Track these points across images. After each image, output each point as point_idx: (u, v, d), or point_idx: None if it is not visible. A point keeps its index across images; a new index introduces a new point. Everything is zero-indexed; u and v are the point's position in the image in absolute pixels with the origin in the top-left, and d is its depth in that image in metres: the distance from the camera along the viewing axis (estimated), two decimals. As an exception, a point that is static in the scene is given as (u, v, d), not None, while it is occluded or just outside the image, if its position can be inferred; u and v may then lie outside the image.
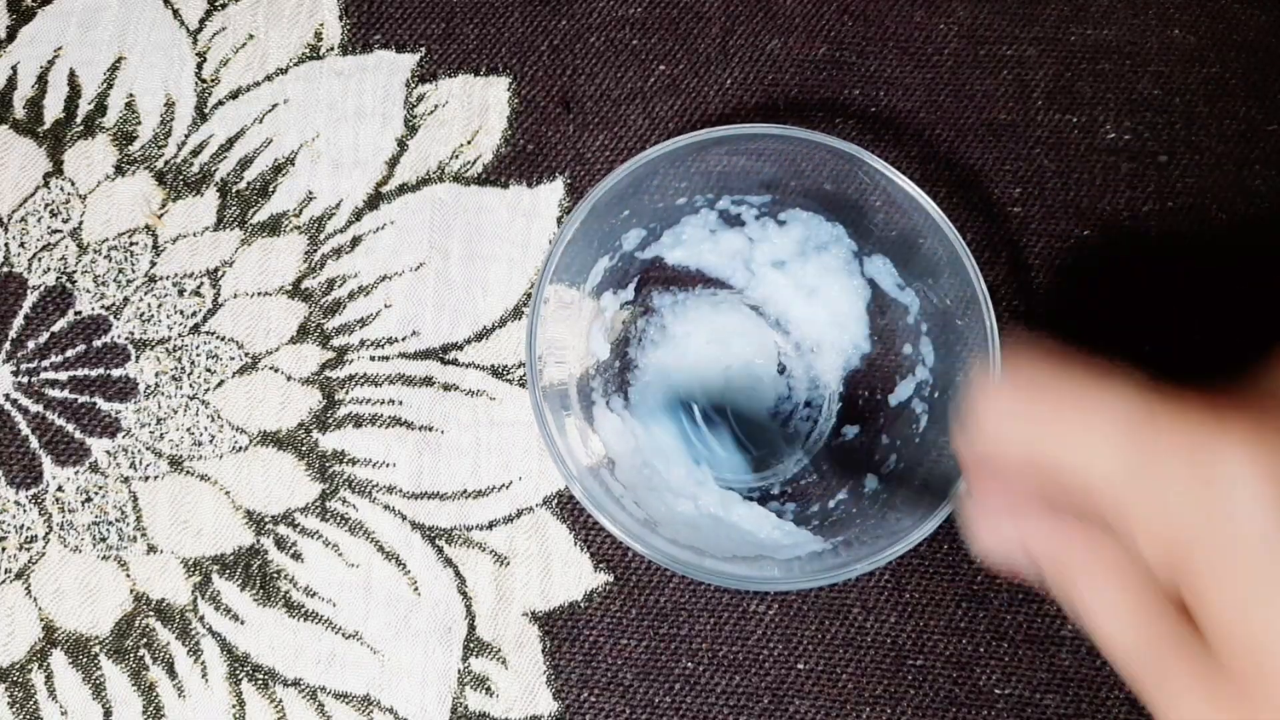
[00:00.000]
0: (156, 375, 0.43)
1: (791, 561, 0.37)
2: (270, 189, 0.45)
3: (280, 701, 0.40)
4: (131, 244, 0.44)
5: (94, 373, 0.43)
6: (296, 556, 0.42)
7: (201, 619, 0.41)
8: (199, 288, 0.44)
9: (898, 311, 0.41)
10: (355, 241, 0.44)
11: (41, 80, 0.46)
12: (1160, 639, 0.23)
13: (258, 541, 0.42)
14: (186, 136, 0.45)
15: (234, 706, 0.40)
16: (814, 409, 0.42)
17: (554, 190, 0.44)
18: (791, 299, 0.42)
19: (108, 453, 0.43)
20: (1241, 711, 0.22)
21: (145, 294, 0.44)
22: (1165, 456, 0.22)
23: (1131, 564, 0.24)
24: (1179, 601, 0.23)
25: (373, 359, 0.43)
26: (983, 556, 0.28)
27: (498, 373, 0.43)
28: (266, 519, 0.42)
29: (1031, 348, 0.26)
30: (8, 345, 0.44)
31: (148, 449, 0.43)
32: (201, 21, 0.47)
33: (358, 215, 0.44)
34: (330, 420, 0.43)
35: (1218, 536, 0.21)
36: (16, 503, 0.42)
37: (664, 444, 0.40)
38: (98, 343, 0.44)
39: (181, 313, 0.44)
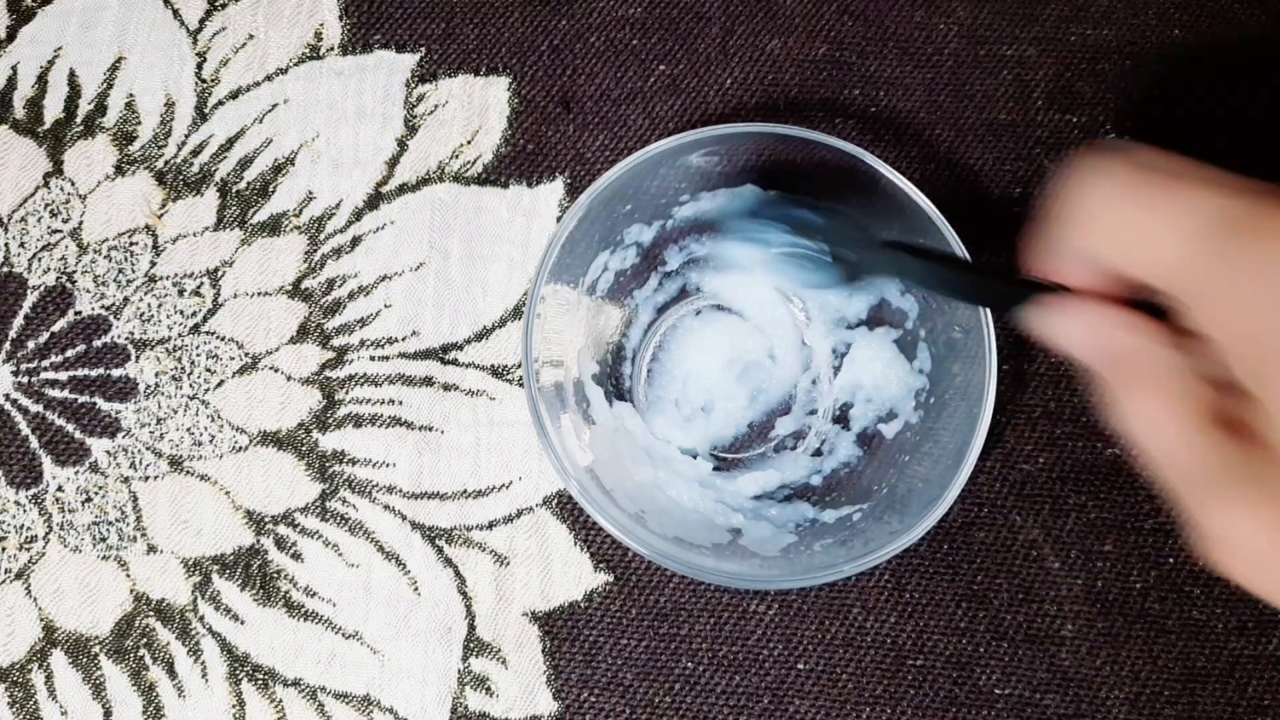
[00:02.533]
0: (156, 375, 0.43)
1: (792, 561, 0.37)
2: (270, 189, 0.45)
3: (280, 701, 0.40)
4: (131, 244, 0.44)
5: (94, 373, 0.43)
6: (296, 556, 0.42)
7: (201, 619, 0.41)
8: (199, 288, 0.44)
9: (897, 317, 0.40)
10: (355, 241, 0.44)
11: (41, 80, 0.46)
12: (1209, 453, 0.23)
13: (258, 541, 0.42)
14: (186, 136, 0.45)
15: (234, 706, 0.40)
16: (818, 417, 0.42)
17: (554, 190, 0.44)
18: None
19: (108, 453, 0.43)
20: None
21: (145, 294, 0.44)
22: (1247, 260, 0.21)
23: (1186, 377, 0.23)
24: (1232, 417, 0.22)
25: (373, 359, 0.43)
26: (1046, 335, 0.27)
27: (498, 373, 0.43)
28: (266, 519, 0.42)
29: (1123, 150, 0.25)
30: (8, 345, 0.44)
31: (148, 449, 0.43)
32: (201, 21, 0.47)
33: (358, 215, 0.44)
34: (330, 420, 0.43)
35: None
36: (16, 503, 0.42)
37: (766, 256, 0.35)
38: (98, 343, 0.44)
39: (181, 313, 0.44)
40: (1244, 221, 0.21)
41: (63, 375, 0.43)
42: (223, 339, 0.43)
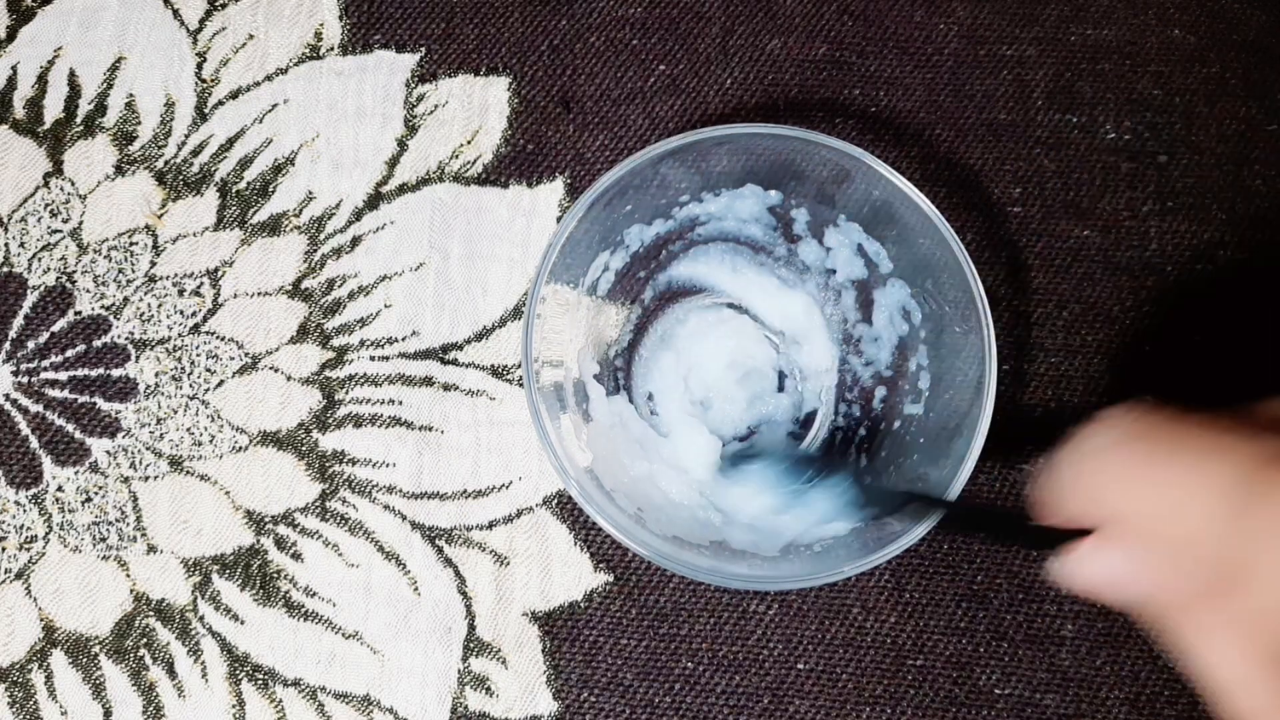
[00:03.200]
0: (156, 375, 0.43)
1: (792, 561, 0.37)
2: (270, 189, 0.45)
3: (280, 701, 0.40)
4: (131, 244, 0.44)
5: (94, 373, 0.43)
6: (296, 556, 0.42)
7: (201, 619, 0.41)
8: (199, 288, 0.44)
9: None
10: (355, 241, 0.44)
11: (41, 80, 0.46)
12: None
13: (258, 541, 0.42)
14: (186, 136, 0.45)
15: (234, 706, 0.40)
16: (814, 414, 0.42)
17: (554, 190, 0.44)
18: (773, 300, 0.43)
19: (108, 453, 0.43)
20: None
21: (145, 294, 0.44)
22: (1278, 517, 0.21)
23: (1248, 615, 0.23)
24: None
25: (373, 359, 0.43)
26: (1080, 579, 0.26)
27: (498, 373, 0.43)
28: (266, 519, 0.42)
29: (1122, 407, 0.25)
30: (8, 345, 0.44)
31: (148, 449, 0.43)
32: (201, 21, 0.47)
33: (358, 215, 0.44)
34: (330, 420, 0.43)
35: None
36: (16, 503, 0.42)
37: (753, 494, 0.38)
38: (98, 343, 0.44)
39: (181, 313, 0.44)
40: (1265, 476, 0.22)
41: (63, 375, 0.43)
42: (223, 339, 0.43)
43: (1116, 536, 0.25)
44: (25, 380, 0.43)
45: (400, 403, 0.43)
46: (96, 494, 0.42)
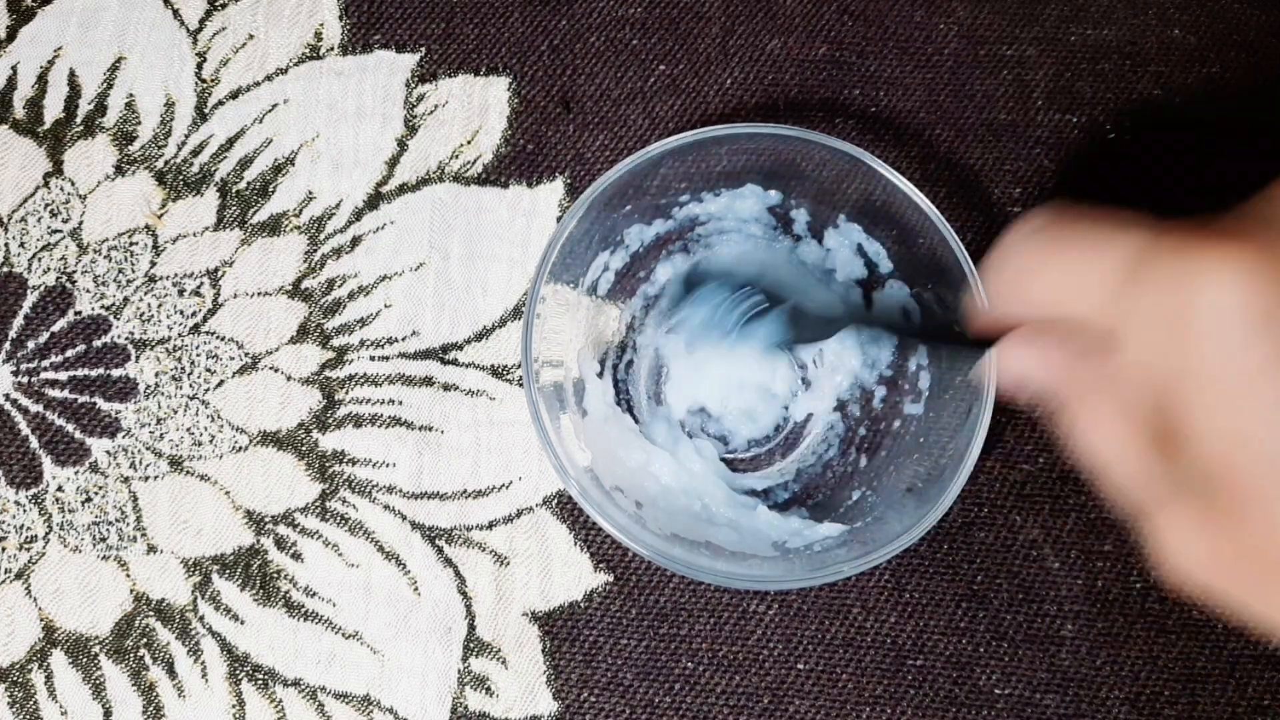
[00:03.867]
0: (156, 375, 0.43)
1: (792, 561, 0.37)
2: (270, 189, 0.45)
3: (280, 701, 0.40)
4: (131, 244, 0.44)
5: (94, 373, 0.43)
6: (296, 556, 0.42)
7: (201, 619, 0.41)
8: (199, 288, 0.44)
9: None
10: (355, 241, 0.44)
11: (41, 80, 0.46)
12: (1152, 460, 0.23)
13: (258, 541, 0.42)
14: (186, 136, 0.45)
15: (234, 706, 0.40)
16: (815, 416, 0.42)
17: (554, 190, 0.44)
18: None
19: (108, 453, 0.43)
20: (1230, 535, 0.22)
21: (145, 294, 0.44)
22: (1152, 286, 0.22)
23: (1128, 393, 0.24)
24: (1164, 429, 0.23)
25: (373, 359, 0.43)
26: (1008, 370, 0.28)
27: (497, 373, 0.43)
28: (266, 519, 0.42)
29: (1050, 210, 0.26)
30: (8, 345, 0.44)
31: (148, 449, 0.43)
32: (201, 21, 0.47)
33: (358, 215, 0.44)
34: (330, 420, 0.43)
35: (1201, 364, 0.21)
36: (16, 503, 0.42)
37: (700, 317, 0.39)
38: (98, 343, 0.44)
39: (181, 313, 0.44)
40: (1150, 253, 0.23)
41: (63, 375, 0.43)
42: (223, 339, 0.43)
43: (1023, 329, 0.27)
44: (25, 380, 0.43)
45: (400, 403, 0.43)
46: (96, 494, 0.42)
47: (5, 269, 0.44)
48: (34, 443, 0.43)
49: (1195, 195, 0.43)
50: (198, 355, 0.43)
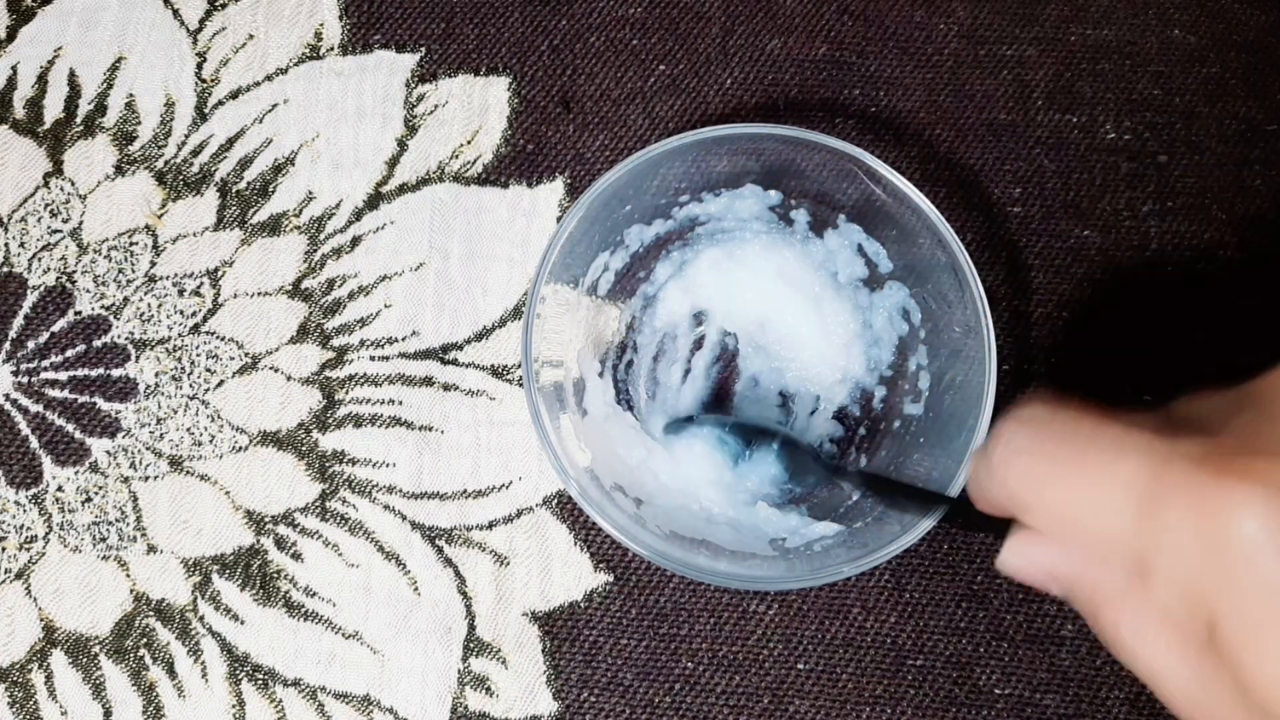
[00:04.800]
0: (156, 375, 0.43)
1: (792, 561, 0.37)
2: (270, 189, 0.45)
3: (280, 701, 0.40)
4: (131, 244, 0.44)
5: (94, 373, 0.43)
6: (296, 556, 0.42)
7: (201, 619, 0.41)
8: (199, 288, 0.44)
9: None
10: (355, 241, 0.44)
11: (41, 80, 0.46)
12: (1206, 672, 0.23)
13: (258, 541, 0.42)
14: (186, 136, 0.45)
15: (234, 706, 0.40)
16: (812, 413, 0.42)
17: (554, 190, 0.44)
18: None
19: (108, 453, 0.43)
20: None
21: (145, 294, 0.44)
22: (1180, 516, 0.23)
23: (1169, 608, 0.24)
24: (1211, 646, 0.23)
25: (373, 359, 0.43)
26: (1013, 576, 0.28)
27: (498, 373, 0.43)
28: (266, 519, 0.42)
29: (1040, 400, 0.27)
30: (8, 345, 0.44)
31: (148, 449, 0.43)
32: (201, 21, 0.47)
33: (358, 215, 0.44)
34: (330, 420, 0.43)
35: (1243, 594, 0.22)
36: (16, 503, 0.42)
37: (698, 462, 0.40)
38: (98, 343, 0.44)
39: (181, 313, 0.44)
40: (1165, 479, 0.23)
41: (63, 375, 0.43)
42: (223, 339, 0.43)
43: (1036, 532, 0.27)
44: (25, 380, 0.43)
45: (400, 403, 0.43)
46: (96, 494, 0.42)
47: (5, 269, 0.44)
48: (34, 443, 0.43)
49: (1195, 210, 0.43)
50: (198, 355, 0.43)
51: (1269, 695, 0.22)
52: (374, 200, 0.44)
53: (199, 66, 0.46)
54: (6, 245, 0.45)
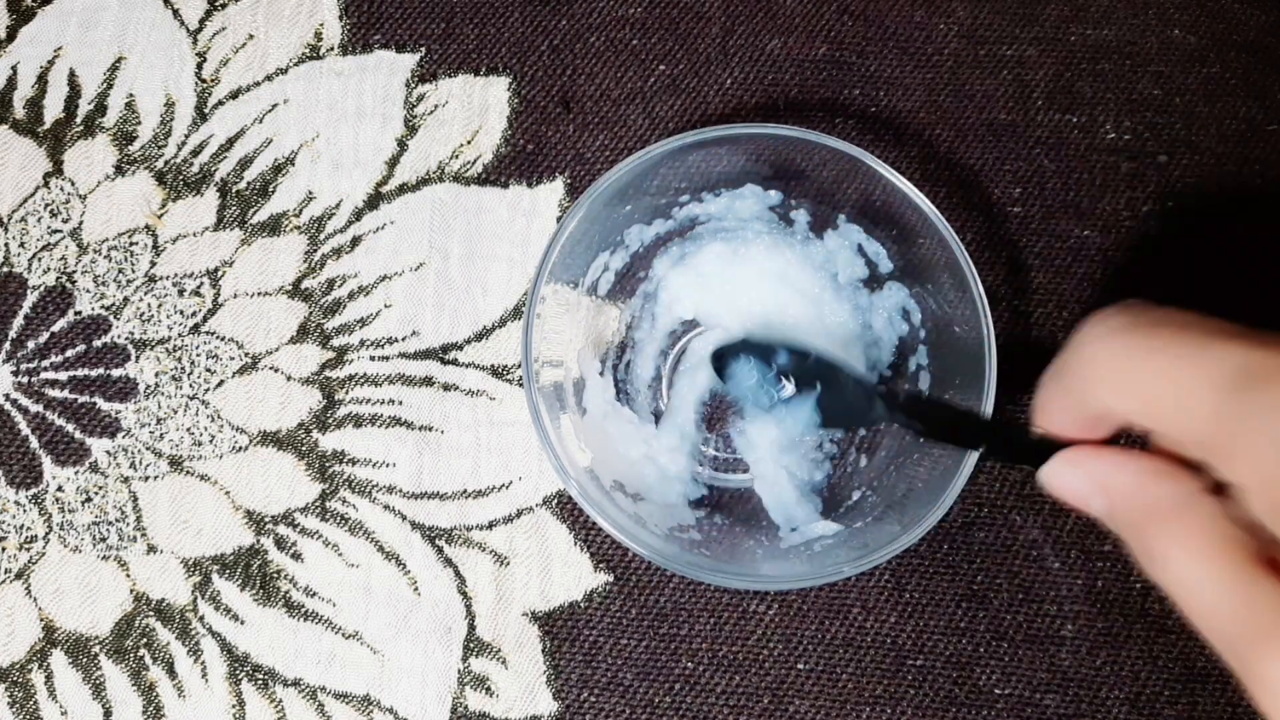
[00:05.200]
0: (156, 375, 0.43)
1: (791, 561, 0.37)
2: (270, 189, 0.45)
3: (280, 701, 0.40)
4: (131, 244, 0.44)
5: (94, 373, 0.43)
6: (296, 556, 0.42)
7: (201, 619, 0.41)
8: (199, 288, 0.44)
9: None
10: (355, 241, 0.44)
11: (41, 80, 0.46)
12: (1257, 597, 0.22)
13: (258, 541, 0.42)
14: (186, 136, 0.45)
15: (234, 706, 0.40)
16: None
17: (554, 190, 0.44)
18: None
19: (108, 453, 0.43)
20: None
21: (145, 294, 0.44)
22: (1275, 397, 0.21)
23: (1224, 520, 0.23)
24: (1270, 557, 0.22)
25: (373, 359, 0.43)
26: (1055, 491, 0.27)
27: (498, 373, 0.43)
28: (266, 519, 0.42)
29: (1137, 305, 0.25)
30: (8, 345, 0.44)
31: (148, 449, 0.43)
32: (201, 21, 0.47)
33: (358, 215, 0.44)
34: (330, 420, 0.43)
35: None
36: (16, 503, 0.42)
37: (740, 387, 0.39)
38: (98, 343, 0.44)
39: (181, 313, 0.44)
40: (1261, 371, 0.21)
41: (63, 375, 0.43)
42: (223, 339, 0.43)
43: (1078, 450, 0.25)
44: (25, 380, 0.43)
45: (400, 403, 0.43)
46: (96, 494, 0.42)
47: (5, 269, 0.44)
48: (34, 443, 0.43)
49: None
50: (198, 355, 0.43)
51: None
52: (374, 200, 0.44)
53: (199, 66, 0.46)
54: (6, 245, 0.45)
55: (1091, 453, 0.26)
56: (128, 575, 0.42)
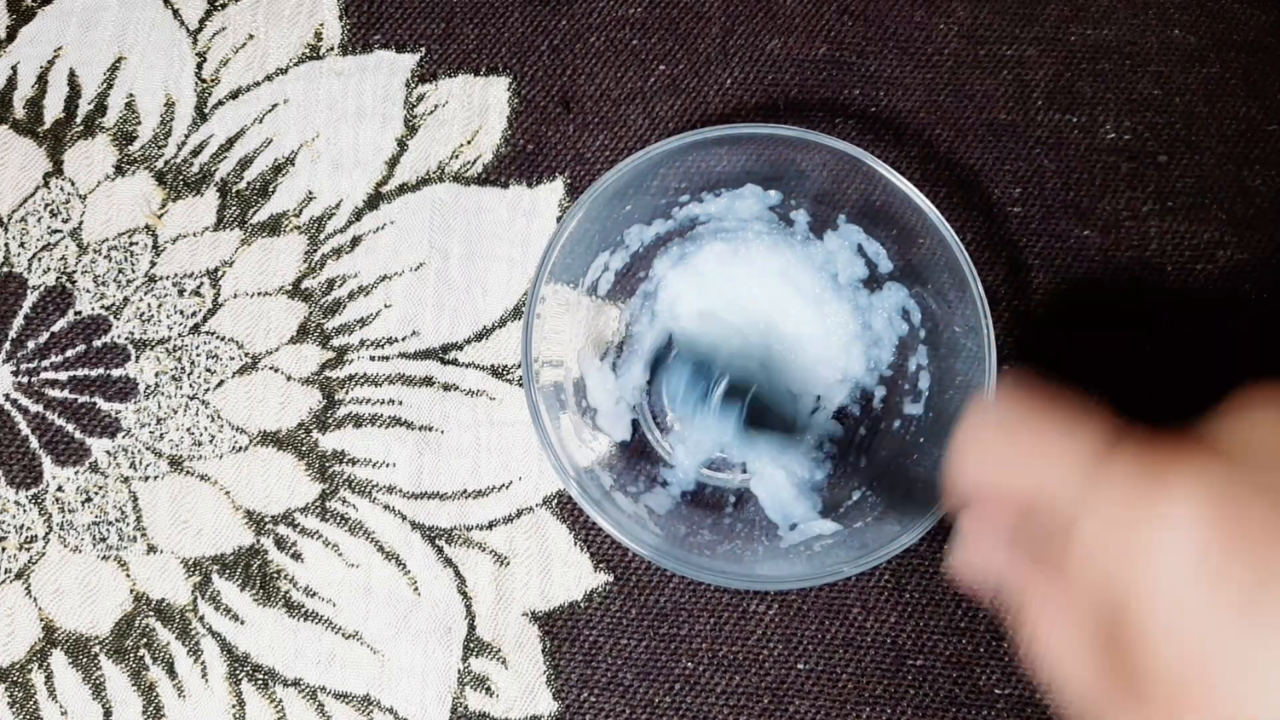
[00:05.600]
0: (156, 375, 0.43)
1: (791, 561, 0.37)
2: (270, 189, 0.45)
3: (280, 701, 0.40)
4: (131, 244, 0.44)
5: (94, 373, 0.43)
6: (296, 556, 0.42)
7: (201, 619, 0.41)
8: (199, 288, 0.44)
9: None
10: (355, 241, 0.44)
11: (41, 80, 0.46)
12: (1104, 671, 0.24)
13: (258, 541, 0.42)
14: (186, 136, 0.45)
15: (234, 706, 0.40)
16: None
17: (554, 190, 0.44)
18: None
19: (108, 453, 0.43)
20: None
21: (145, 294, 0.44)
22: (1115, 485, 0.23)
23: (1080, 603, 0.24)
24: (1116, 639, 0.24)
25: (373, 359, 0.43)
26: (958, 572, 0.29)
27: (497, 373, 0.43)
28: (266, 519, 0.42)
29: (1016, 388, 0.27)
30: (8, 345, 0.44)
31: (148, 449, 0.43)
32: (201, 21, 0.47)
33: (358, 215, 0.44)
34: (330, 420, 0.43)
35: (1154, 570, 0.22)
36: (16, 503, 0.42)
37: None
38: (98, 343, 0.44)
39: (181, 313, 0.44)
40: (1114, 447, 0.24)
41: (63, 375, 0.43)
42: (223, 339, 0.43)
43: (977, 509, 0.28)
44: (25, 380, 0.43)
45: (400, 403, 0.43)
46: (96, 494, 0.42)
47: (5, 269, 0.45)
48: (34, 443, 0.43)
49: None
50: (198, 355, 0.43)
51: (1154, 671, 0.22)
52: (374, 200, 0.44)
53: (199, 66, 0.46)
54: (6, 245, 0.45)
55: (983, 534, 0.28)
56: (128, 575, 0.42)
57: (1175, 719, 0.22)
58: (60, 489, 0.43)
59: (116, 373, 0.43)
